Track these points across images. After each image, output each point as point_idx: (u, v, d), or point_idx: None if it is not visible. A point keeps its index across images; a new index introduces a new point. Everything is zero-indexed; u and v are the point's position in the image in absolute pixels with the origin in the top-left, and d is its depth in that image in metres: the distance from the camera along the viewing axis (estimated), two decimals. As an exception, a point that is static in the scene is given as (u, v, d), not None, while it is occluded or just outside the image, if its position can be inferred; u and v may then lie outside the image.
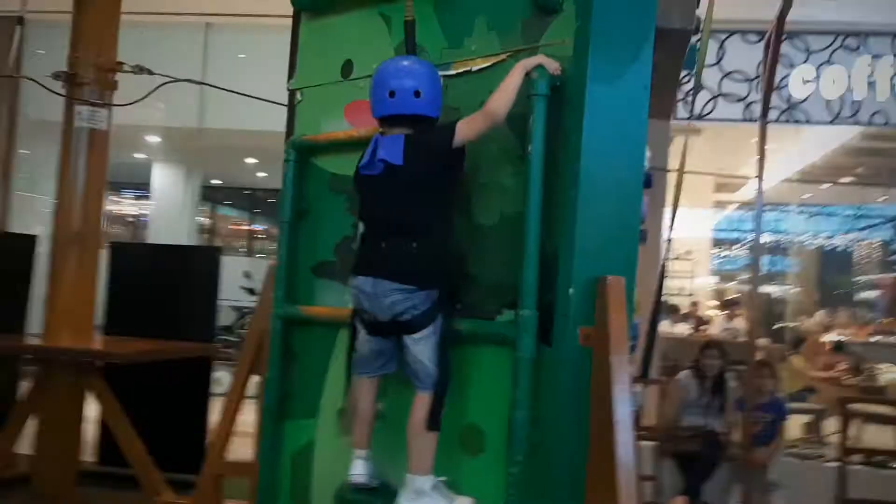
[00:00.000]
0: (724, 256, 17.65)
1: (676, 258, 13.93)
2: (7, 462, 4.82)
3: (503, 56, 2.29)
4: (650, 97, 2.77)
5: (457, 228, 2.29)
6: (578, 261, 2.10)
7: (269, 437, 2.74)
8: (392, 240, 2.20)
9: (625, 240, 2.17)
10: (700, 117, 8.42)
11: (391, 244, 2.20)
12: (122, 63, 4.90)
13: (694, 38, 2.86)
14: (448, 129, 2.16)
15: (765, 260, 14.14)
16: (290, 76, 2.86)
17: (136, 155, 12.59)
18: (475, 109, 2.32)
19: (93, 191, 4.83)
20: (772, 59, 5.02)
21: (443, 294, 2.21)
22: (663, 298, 6.75)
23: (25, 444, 4.91)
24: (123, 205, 17.52)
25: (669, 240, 2.82)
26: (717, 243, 16.85)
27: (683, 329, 10.31)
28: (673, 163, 10.12)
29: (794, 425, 7.28)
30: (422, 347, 2.18)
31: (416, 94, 2.17)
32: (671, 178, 8.35)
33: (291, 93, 2.84)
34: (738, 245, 17.42)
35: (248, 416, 3.12)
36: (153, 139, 11.33)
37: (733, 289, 16.44)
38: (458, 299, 2.28)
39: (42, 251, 5.33)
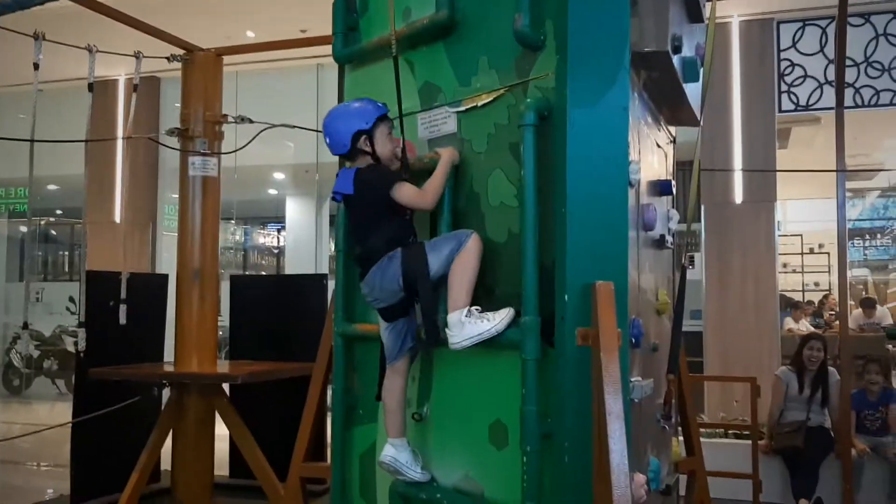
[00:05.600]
0: (868, 246, 16.73)
1: (810, 251, 13.46)
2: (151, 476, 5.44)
3: (502, 91, 2.56)
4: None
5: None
6: (572, 270, 2.32)
7: (339, 441, 3.10)
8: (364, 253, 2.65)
9: (613, 248, 2.37)
10: (806, 107, 8.29)
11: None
12: (226, 115, 5.49)
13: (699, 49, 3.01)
14: (392, 179, 2.58)
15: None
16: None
17: (271, 191, 13.58)
18: (483, 140, 2.64)
19: (208, 231, 5.42)
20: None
21: None
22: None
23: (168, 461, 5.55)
24: (268, 237, 18.77)
25: (687, 238, 2.97)
26: (857, 233, 16.00)
27: (805, 326, 9.97)
28: (787, 159, 9.91)
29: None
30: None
31: (337, 137, 2.65)
32: (780, 176, 8.29)
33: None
34: (884, 234, 16.51)
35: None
36: (280, 176, 12.29)
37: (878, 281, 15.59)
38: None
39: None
